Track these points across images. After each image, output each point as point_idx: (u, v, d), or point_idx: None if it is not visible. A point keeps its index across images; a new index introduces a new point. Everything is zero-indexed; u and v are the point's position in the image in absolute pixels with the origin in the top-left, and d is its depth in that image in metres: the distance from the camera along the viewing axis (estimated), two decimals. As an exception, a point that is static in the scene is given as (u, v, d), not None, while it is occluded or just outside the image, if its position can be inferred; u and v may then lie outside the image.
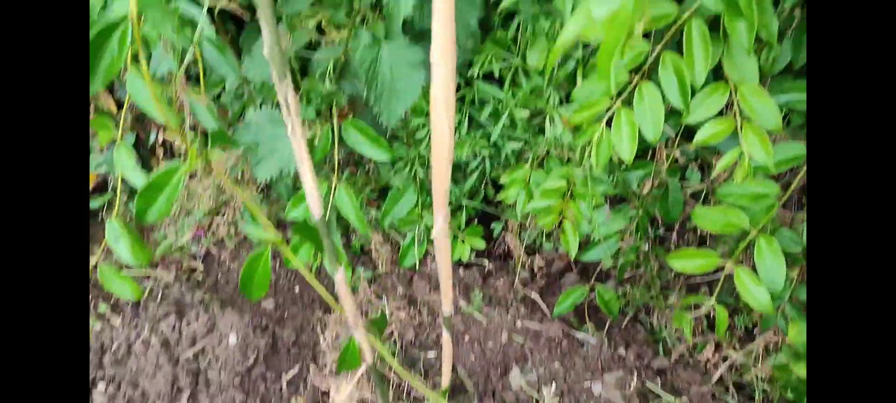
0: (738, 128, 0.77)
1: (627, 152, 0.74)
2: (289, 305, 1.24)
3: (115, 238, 0.82)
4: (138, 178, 0.79)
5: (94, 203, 1.35)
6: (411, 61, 0.80)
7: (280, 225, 1.35)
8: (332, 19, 0.87)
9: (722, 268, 0.86)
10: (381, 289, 1.24)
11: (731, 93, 0.77)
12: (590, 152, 0.76)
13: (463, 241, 1.24)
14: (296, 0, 0.83)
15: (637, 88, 0.73)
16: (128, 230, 0.82)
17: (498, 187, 1.16)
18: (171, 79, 1.07)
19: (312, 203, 0.58)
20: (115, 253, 0.83)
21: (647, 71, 0.74)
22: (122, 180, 0.85)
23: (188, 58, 1.01)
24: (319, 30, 0.97)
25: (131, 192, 1.36)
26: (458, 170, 1.14)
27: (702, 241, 1.16)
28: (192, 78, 1.15)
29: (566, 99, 0.87)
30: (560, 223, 0.98)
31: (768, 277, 0.82)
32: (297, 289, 1.29)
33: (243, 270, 0.78)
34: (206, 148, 0.76)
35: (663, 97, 0.74)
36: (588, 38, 0.45)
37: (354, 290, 1.28)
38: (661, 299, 1.17)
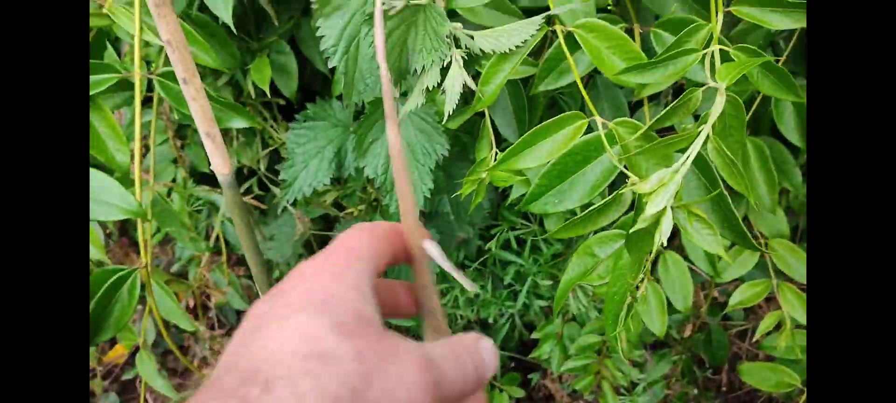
0: (774, 288, 0.72)
1: (658, 326, 0.70)
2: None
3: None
4: (161, 385, 0.79)
5: (127, 375, 1.35)
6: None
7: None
8: (348, 202, 0.88)
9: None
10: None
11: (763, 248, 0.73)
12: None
13: (501, 391, 1.19)
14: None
15: (661, 259, 0.70)
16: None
17: (531, 331, 1.12)
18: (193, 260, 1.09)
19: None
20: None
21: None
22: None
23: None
24: (337, 205, 0.98)
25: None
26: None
27: (754, 379, 1.09)
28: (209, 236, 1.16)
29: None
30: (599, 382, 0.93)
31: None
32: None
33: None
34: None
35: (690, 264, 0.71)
36: (593, 281, 0.43)
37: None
38: (717, 443, 1.08)
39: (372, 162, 0.60)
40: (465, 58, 0.47)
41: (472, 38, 0.47)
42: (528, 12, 0.59)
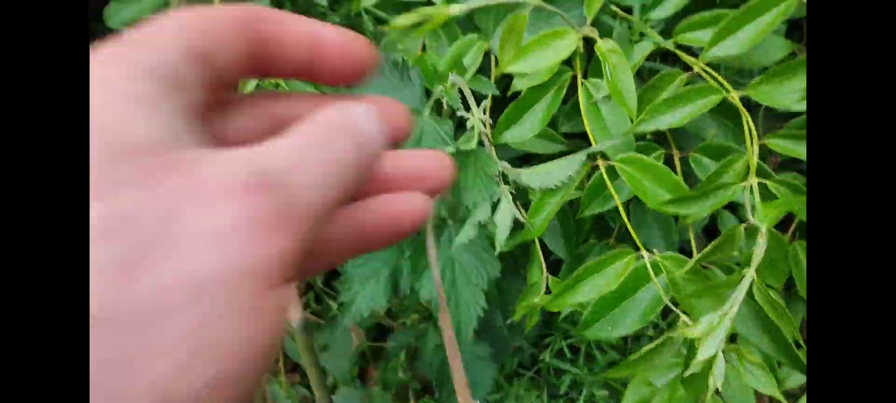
0: None
1: (722, 440, 0.68)
2: None
3: None
4: None
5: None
6: (480, 355, 0.80)
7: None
8: (402, 317, 0.90)
9: None
10: None
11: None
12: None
13: None
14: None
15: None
16: None
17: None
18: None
19: None
20: None
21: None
22: None
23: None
24: (390, 314, 1.00)
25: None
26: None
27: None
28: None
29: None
30: None
31: None
32: None
33: None
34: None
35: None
36: (651, 411, 0.44)
37: None
38: None
39: (427, 284, 0.63)
40: (513, 192, 0.49)
41: (520, 173, 0.50)
42: (569, 136, 0.62)
